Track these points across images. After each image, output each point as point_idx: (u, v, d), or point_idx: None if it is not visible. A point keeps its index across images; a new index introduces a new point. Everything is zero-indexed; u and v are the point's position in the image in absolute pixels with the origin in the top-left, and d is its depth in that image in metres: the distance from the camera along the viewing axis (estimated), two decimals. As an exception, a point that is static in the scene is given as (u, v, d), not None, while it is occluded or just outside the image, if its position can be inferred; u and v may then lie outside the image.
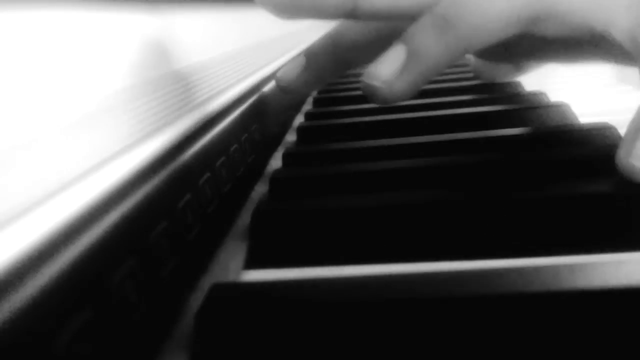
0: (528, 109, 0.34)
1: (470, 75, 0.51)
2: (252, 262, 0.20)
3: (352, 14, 0.24)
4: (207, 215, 0.20)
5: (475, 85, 0.45)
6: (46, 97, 0.13)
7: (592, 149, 0.24)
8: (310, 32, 0.73)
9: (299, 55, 0.31)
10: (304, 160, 0.30)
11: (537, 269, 0.15)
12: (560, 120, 0.33)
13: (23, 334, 0.10)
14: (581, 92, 0.44)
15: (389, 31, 0.31)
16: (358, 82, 0.56)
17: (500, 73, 0.45)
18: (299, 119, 0.44)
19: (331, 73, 0.31)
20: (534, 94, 0.39)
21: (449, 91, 0.45)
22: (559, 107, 0.34)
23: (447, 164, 0.25)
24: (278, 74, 0.31)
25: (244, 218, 0.24)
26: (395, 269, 0.18)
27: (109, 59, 0.16)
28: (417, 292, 0.14)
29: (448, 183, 0.25)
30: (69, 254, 0.12)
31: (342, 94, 0.47)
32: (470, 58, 0.56)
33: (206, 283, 0.18)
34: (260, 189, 0.28)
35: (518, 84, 0.45)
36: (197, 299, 0.17)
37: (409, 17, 0.24)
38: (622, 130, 0.31)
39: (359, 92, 0.47)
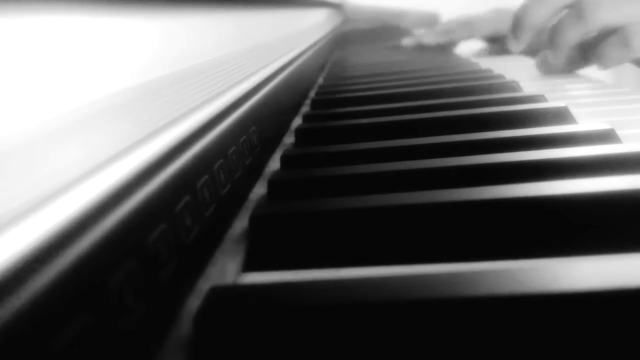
0: (527, 110, 0.34)
1: (470, 76, 0.51)
2: (251, 265, 0.20)
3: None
4: (205, 217, 0.20)
5: (474, 87, 0.45)
6: (43, 99, 0.13)
7: (591, 151, 0.24)
8: (309, 34, 0.73)
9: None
10: (302, 162, 0.30)
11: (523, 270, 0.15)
12: (559, 123, 0.33)
13: (21, 337, 0.10)
14: (578, 94, 0.44)
15: None
16: (355, 84, 0.56)
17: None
18: (297, 121, 0.44)
19: None
20: (532, 96, 0.39)
21: (447, 93, 0.45)
22: (558, 109, 0.34)
23: (445, 165, 0.25)
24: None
25: (242, 220, 0.24)
26: (393, 271, 0.18)
27: (105, 62, 0.16)
28: (415, 293, 0.14)
29: (447, 185, 0.25)
30: (67, 257, 0.11)
31: (340, 95, 0.48)
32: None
33: (204, 286, 0.18)
34: (259, 191, 0.28)
35: (517, 86, 0.45)
36: (195, 302, 0.17)
37: None
38: (620, 132, 0.31)
39: (357, 94, 0.47)
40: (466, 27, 0.83)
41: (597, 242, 0.19)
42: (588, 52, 0.52)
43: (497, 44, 0.87)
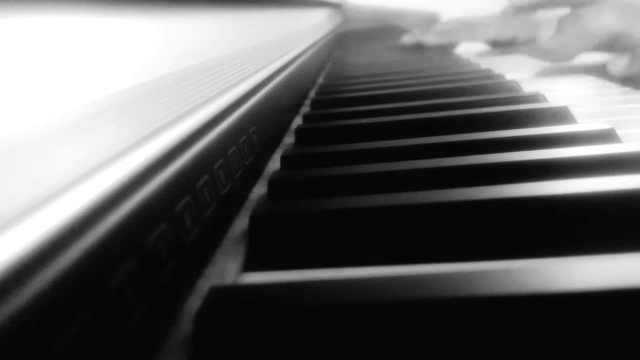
0: (527, 110, 0.34)
1: (470, 76, 0.51)
2: (251, 265, 0.20)
3: None
4: (206, 217, 0.20)
5: (474, 87, 0.45)
6: (44, 99, 0.13)
7: (591, 150, 0.24)
8: (309, 34, 0.73)
9: None
10: (302, 162, 0.30)
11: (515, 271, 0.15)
12: (559, 122, 0.33)
13: (22, 336, 0.10)
14: (578, 94, 0.44)
15: None
16: (355, 84, 0.56)
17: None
18: (297, 121, 0.44)
19: None
20: (532, 95, 0.39)
21: (447, 93, 0.45)
22: (557, 109, 0.34)
23: (445, 165, 0.25)
24: None
25: (243, 220, 0.24)
26: (393, 271, 0.18)
27: (106, 62, 0.16)
28: (415, 293, 0.14)
29: (447, 185, 0.25)
30: (67, 257, 0.11)
31: (340, 95, 0.48)
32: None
33: (204, 286, 0.18)
34: (259, 191, 0.28)
35: (516, 86, 0.45)
36: (195, 302, 0.17)
37: None
38: (620, 132, 0.31)
39: (357, 94, 0.47)
40: (468, 31, 0.82)
41: (597, 241, 0.20)
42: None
43: (499, 47, 0.86)
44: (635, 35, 0.46)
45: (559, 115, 0.34)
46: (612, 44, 0.50)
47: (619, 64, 0.48)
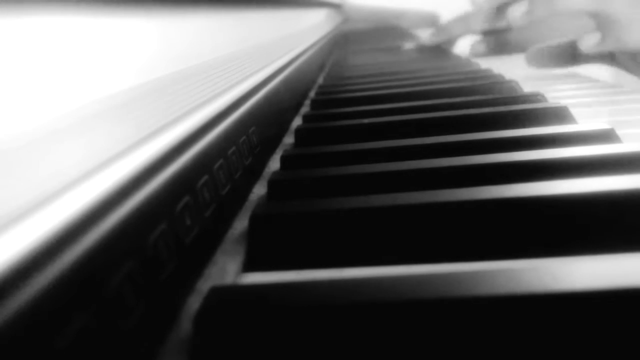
0: (526, 110, 0.34)
1: (469, 76, 0.51)
2: (251, 265, 0.20)
3: None
4: (206, 218, 0.20)
5: (474, 87, 0.45)
6: (44, 99, 0.13)
7: (591, 150, 0.24)
8: (309, 34, 0.73)
9: None
10: (302, 162, 0.30)
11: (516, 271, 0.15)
12: (559, 122, 0.33)
13: (21, 336, 0.10)
14: (578, 94, 0.44)
15: None
16: (355, 84, 0.56)
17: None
18: (297, 121, 0.44)
19: None
20: (531, 95, 0.39)
21: (447, 93, 0.45)
22: (557, 109, 0.34)
23: (445, 165, 0.25)
24: None
25: (243, 220, 0.24)
26: (393, 271, 0.18)
27: (106, 63, 0.16)
28: (415, 294, 0.14)
29: (446, 185, 0.25)
30: (67, 257, 0.11)
31: (340, 95, 0.48)
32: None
33: (205, 286, 0.18)
34: (259, 191, 0.28)
35: (516, 86, 0.45)
36: (195, 302, 0.17)
37: None
38: (620, 132, 0.31)
39: (357, 94, 0.47)
40: (462, 23, 0.83)
41: (596, 241, 0.20)
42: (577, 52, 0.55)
43: (493, 36, 0.86)
44: (608, 14, 0.46)
45: (559, 115, 0.34)
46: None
47: (589, 40, 0.48)
